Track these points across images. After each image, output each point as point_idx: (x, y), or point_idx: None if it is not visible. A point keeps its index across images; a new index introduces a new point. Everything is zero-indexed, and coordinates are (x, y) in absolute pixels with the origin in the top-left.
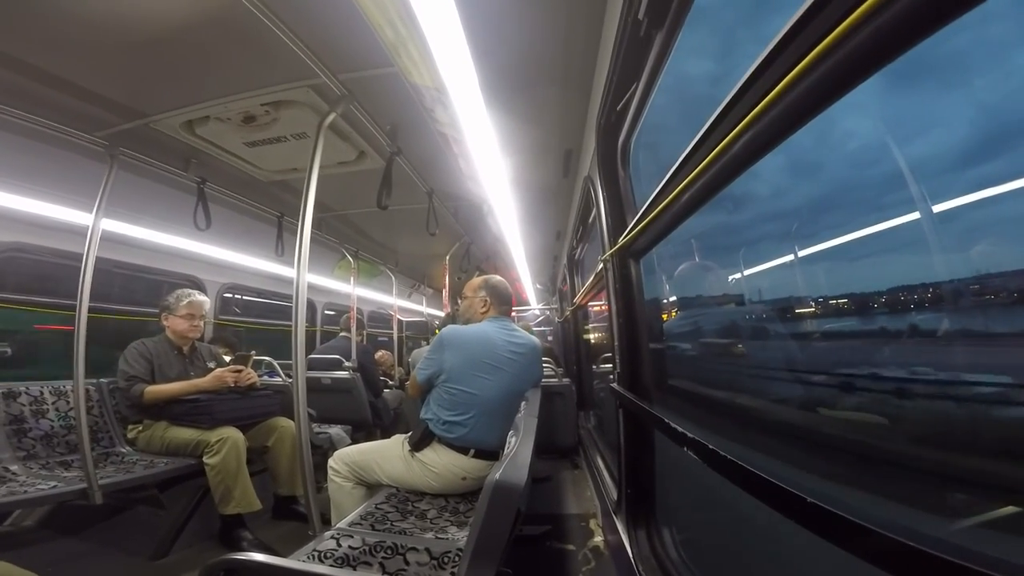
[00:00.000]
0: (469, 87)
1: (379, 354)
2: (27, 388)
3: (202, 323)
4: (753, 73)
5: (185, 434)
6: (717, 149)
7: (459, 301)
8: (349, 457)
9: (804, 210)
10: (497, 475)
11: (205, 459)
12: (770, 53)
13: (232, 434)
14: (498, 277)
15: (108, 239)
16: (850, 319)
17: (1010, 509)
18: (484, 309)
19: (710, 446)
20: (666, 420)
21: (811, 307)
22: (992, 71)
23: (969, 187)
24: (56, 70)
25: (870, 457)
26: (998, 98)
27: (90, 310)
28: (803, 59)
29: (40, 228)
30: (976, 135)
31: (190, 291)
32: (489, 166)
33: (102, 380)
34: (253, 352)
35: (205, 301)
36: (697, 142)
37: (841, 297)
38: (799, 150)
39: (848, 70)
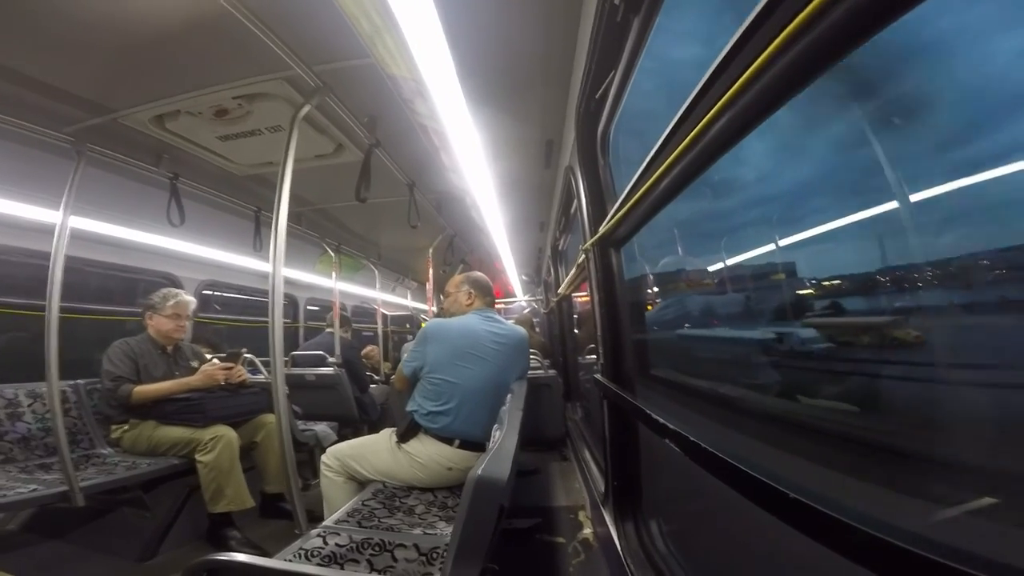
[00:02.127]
0: (447, 77)
1: (366, 349)
2: (1, 391)
3: (188, 323)
4: (728, 54)
5: (175, 433)
6: (694, 132)
7: (443, 298)
8: (340, 452)
9: (790, 193)
10: (479, 470)
11: (198, 457)
12: (745, 32)
13: (226, 432)
14: (478, 273)
15: (79, 237)
16: None
17: None
18: (469, 301)
19: (691, 438)
20: (648, 411)
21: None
22: (973, 53)
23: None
24: (18, 66)
25: None
26: (981, 81)
27: (62, 310)
28: (776, 38)
29: (7, 228)
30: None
31: (177, 291)
32: (470, 158)
33: (79, 381)
34: (244, 350)
35: (191, 301)
36: (674, 126)
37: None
38: (780, 132)
39: (824, 49)
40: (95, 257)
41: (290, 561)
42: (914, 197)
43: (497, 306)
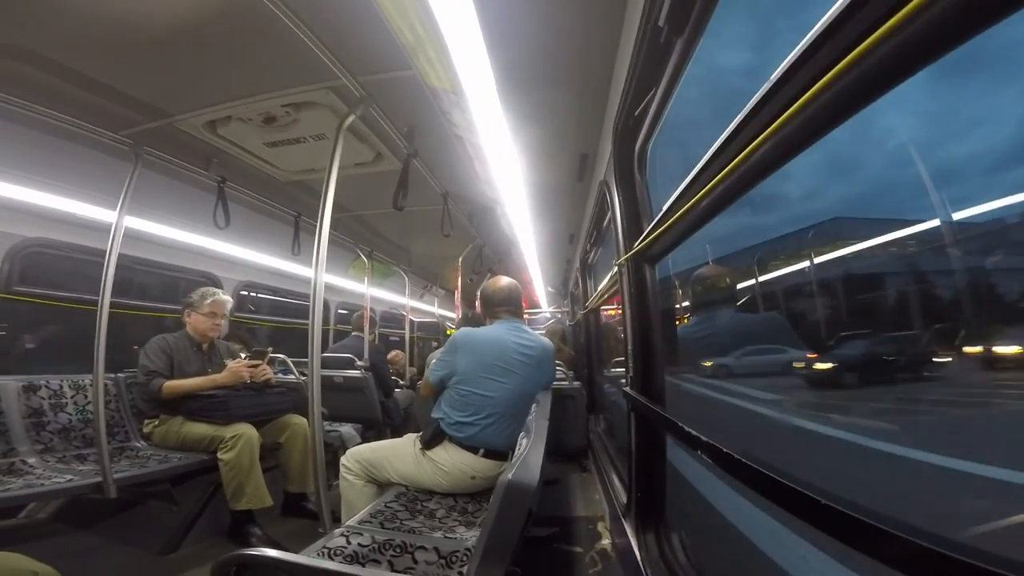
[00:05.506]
0: (486, 91)
1: (392, 354)
2: (47, 381)
3: (224, 322)
4: (782, 77)
5: (200, 429)
6: (742, 154)
7: (477, 304)
8: (361, 455)
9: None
10: (510, 475)
11: (219, 455)
12: (803, 54)
13: (247, 430)
14: (507, 279)
15: (128, 235)
16: None
17: None
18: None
19: (724, 449)
20: (680, 424)
21: None
22: None
23: None
24: (83, 69)
25: None
26: None
27: (111, 305)
28: (839, 61)
29: (64, 224)
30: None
31: (215, 290)
32: (504, 169)
33: (120, 375)
34: (270, 349)
35: (228, 300)
36: (719, 147)
37: None
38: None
39: (887, 72)
40: (142, 255)
41: (315, 558)
42: None
43: (523, 315)
